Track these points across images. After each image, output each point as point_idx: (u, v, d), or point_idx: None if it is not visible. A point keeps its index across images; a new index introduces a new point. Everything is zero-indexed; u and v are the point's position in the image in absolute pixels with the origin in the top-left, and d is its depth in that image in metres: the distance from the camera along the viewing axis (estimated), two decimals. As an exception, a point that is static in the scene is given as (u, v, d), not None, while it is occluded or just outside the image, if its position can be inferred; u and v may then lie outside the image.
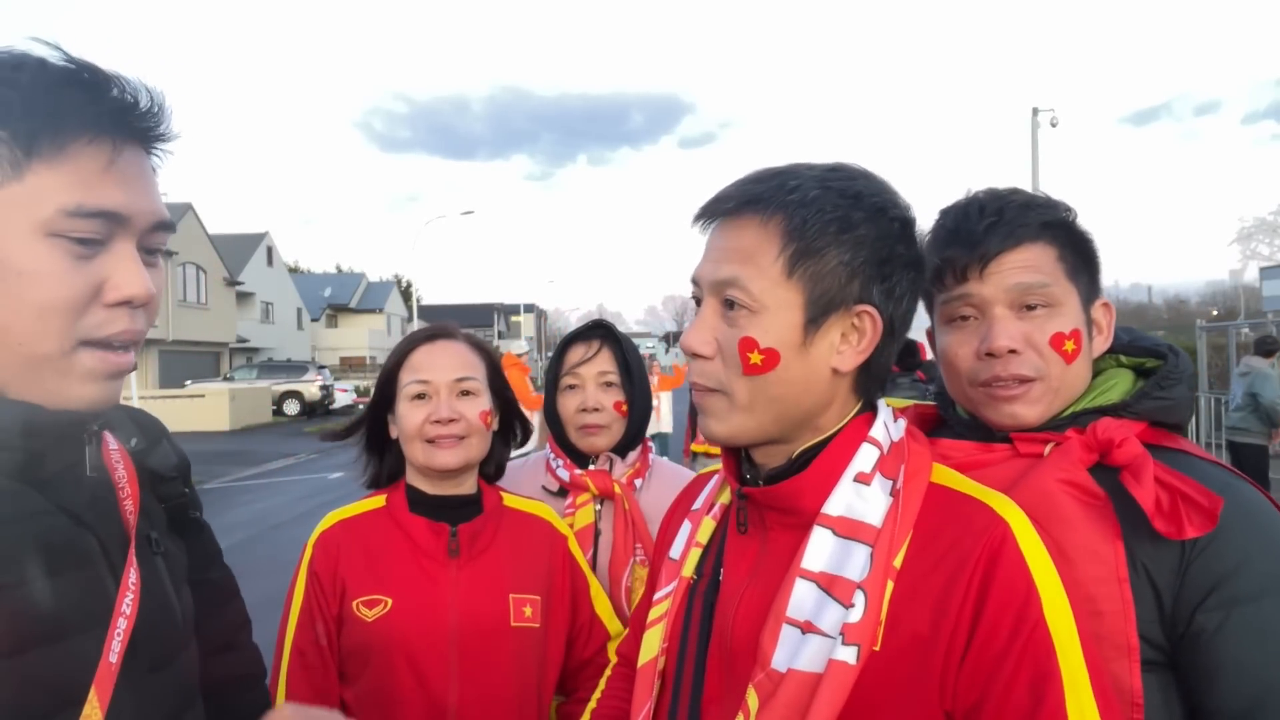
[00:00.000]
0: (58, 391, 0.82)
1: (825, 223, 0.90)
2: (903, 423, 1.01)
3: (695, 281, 0.99)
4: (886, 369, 0.98)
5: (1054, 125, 21.21)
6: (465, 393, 1.56)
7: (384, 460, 1.64)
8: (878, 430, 0.96)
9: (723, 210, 0.96)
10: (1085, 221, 1.16)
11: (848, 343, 0.93)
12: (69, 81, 0.80)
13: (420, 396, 1.54)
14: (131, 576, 0.88)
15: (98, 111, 0.81)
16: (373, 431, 1.63)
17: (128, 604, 0.86)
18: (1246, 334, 13.98)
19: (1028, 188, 1.25)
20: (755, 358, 0.91)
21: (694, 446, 7.77)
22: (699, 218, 0.99)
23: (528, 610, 1.52)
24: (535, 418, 8.24)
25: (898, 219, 0.94)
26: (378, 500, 1.60)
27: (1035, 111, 21.25)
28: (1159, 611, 0.99)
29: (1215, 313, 37.03)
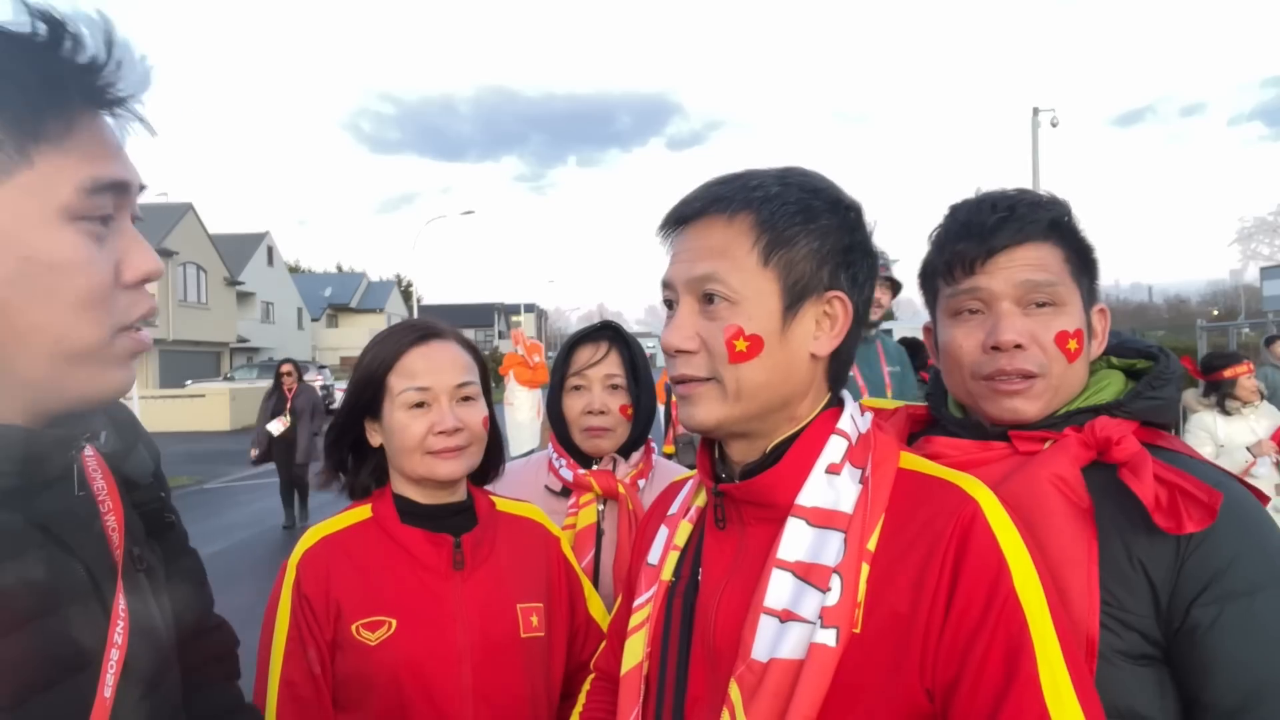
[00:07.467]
0: (94, 383, 0.78)
1: (791, 214, 0.95)
2: (869, 415, 1.04)
3: (667, 284, 1.01)
4: (854, 357, 1.03)
5: (1054, 125, 21.16)
6: (466, 398, 1.45)
7: (361, 470, 1.52)
8: (845, 422, 0.99)
9: (689, 213, 1.00)
10: (1085, 223, 1.19)
11: (822, 329, 0.98)
12: (55, 48, 0.73)
13: (420, 405, 1.42)
14: (121, 603, 0.82)
15: (93, 83, 0.75)
16: (352, 439, 1.50)
17: (119, 633, 0.80)
18: (1247, 333, 14.01)
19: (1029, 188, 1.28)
20: (740, 345, 0.94)
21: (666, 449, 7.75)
22: (666, 225, 1.03)
23: (534, 619, 1.46)
24: (538, 400, 8.11)
25: (852, 209, 1.00)
26: (362, 512, 1.47)
27: (1035, 111, 21.22)
28: (1155, 607, 1.00)
29: (1216, 312, 37.06)
